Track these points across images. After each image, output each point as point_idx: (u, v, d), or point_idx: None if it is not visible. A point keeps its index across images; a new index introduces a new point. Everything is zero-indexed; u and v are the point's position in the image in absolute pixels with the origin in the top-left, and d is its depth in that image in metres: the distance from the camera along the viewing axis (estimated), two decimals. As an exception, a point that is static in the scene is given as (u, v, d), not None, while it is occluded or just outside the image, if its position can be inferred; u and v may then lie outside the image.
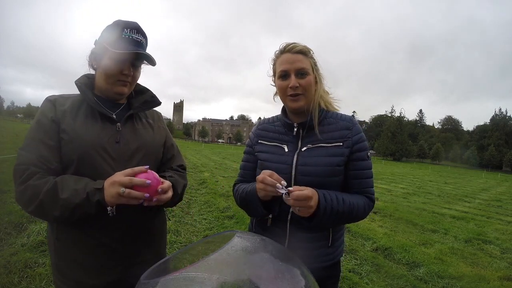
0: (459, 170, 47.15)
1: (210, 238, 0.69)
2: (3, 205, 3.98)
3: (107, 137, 0.94)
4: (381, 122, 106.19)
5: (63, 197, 0.80)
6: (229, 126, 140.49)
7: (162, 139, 1.12)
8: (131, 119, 1.03)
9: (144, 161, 0.99)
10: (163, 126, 1.15)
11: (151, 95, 1.11)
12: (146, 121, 1.09)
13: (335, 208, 0.91)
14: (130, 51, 0.92)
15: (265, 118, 1.18)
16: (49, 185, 0.82)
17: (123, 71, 0.95)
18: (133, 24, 0.95)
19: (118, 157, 0.95)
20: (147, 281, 0.52)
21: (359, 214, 0.98)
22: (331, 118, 1.05)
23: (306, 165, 0.98)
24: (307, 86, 0.99)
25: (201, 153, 23.73)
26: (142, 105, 1.07)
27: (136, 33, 0.95)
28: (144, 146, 1.01)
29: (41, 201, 0.81)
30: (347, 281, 2.81)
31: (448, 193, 10.94)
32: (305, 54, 1.00)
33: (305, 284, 0.57)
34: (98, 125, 0.94)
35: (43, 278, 2.29)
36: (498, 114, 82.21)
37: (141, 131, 1.04)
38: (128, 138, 0.99)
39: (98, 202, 0.81)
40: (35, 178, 0.84)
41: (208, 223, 4.29)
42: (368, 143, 1.06)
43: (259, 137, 1.12)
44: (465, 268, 3.45)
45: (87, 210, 0.82)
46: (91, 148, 0.90)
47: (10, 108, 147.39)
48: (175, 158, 1.16)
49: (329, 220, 0.92)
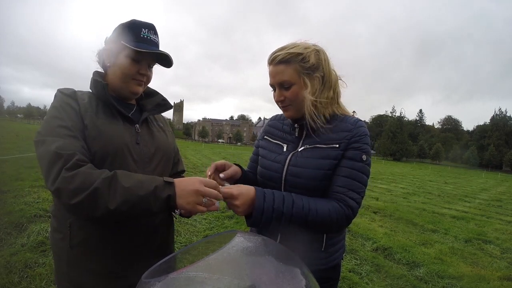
0: (459, 170, 47.16)
1: (211, 238, 0.69)
2: (3, 205, 3.98)
3: (129, 138, 0.93)
4: (381, 122, 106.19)
5: (127, 186, 0.72)
6: (229, 126, 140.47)
7: (173, 142, 1.13)
8: (146, 121, 1.03)
9: (161, 165, 1.00)
10: (171, 131, 1.16)
11: (162, 98, 1.10)
12: (157, 124, 1.09)
13: (278, 210, 0.82)
14: (152, 51, 0.92)
15: (277, 115, 1.17)
16: (108, 173, 0.74)
17: (140, 70, 0.94)
18: (150, 25, 0.95)
19: (140, 158, 0.94)
20: (148, 280, 0.52)
21: (322, 220, 0.85)
22: (337, 120, 0.98)
23: (297, 166, 0.95)
24: (292, 97, 0.95)
25: (201, 153, 23.72)
26: (154, 108, 1.06)
27: (154, 34, 0.95)
28: (160, 149, 1.01)
29: (96, 189, 0.70)
30: (347, 281, 2.81)
31: (448, 193, 10.94)
32: (287, 63, 0.92)
33: (306, 284, 0.57)
34: (120, 124, 0.93)
35: (43, 278, 2.30)
36: (498, 114, 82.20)
37: (156, 134, 1.03)
38: (146, 140, 0.98)
39: (168, 198, 0.74)
40: (87, 166, 0.75)
41: (208, 223, 4.29)
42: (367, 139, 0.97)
43: (266, 133, 1.13)
44: (465, 268, 3.46)
45: (149, 207, 0.73)
46: (117, 148, 0.87)
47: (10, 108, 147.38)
48: (180, 163, 1.17)
49: (274, 221, 0.83)
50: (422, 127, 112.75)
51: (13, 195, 4.45)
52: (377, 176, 15.13)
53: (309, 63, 0.92)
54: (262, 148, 1.10)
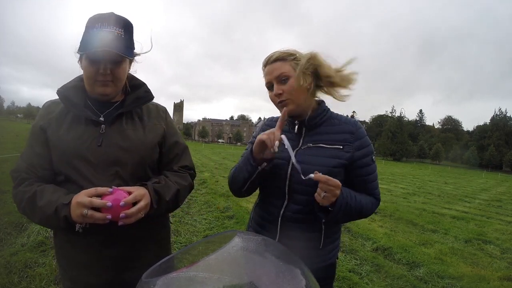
0: (459, 170, 47.18)
1: (211, 238, 0.69)
2: (3, 205, 3.98)
3: (88, 141, 0.90)
4: (381, 122, 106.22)
5: (40, 205, 0.83)
6: (229, 126, 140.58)
7: (156, 138, 1.01)
8: (119, 118, 0.96)
9: (132, 166, 0.94)
10: (161, 124, 1.05)
11: (144, 90, 1.03)
12: (139, 119, 1.01)
13: (349, 203, 0.92)
14: (97, 49, 0.83)
15: (273, 116, 1.19)
16: (30, 193, 0.86)
17: (100, 70, 0.88)
18: (105, 16, 0.87)
19: (100, 161, 0.90)
20: (148, 280, 0.53)
21: (367, 212, 1.01)
22: (336, 119, 1.04)
23: (303, 163, 0.97)
24: (290, 90, 0.97)
25: (201, 153, 23.73)
26: (134, 102, 0.99)
27: (109, 25, 0.85)
28: (130, 148, 0.94)
29: (24, 208, 0.86)
30: (347, 281, 2.81)
31: (448, 193, 10.94)
32: (283, 60, 0.98)
33: (306, 284, 0.57)
34: (80, 129, 0.91)
35: (43, 278, 2.29)
36: (498, 114, 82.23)
37: (128, 132, 0.96)
38: (112, 140, 0.93)
39: (66, 218, 0.80)
40: (24, 184, 0.89)
41: (208, 223, 4.29)
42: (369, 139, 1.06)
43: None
44: (465, 268, 3.45)
45: (58, 224, 0.82)
46: (72, 155, 0.89)
47: (11, 108, 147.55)
48: (179, 157, 1.07)
49: (342, 215, 0.93)
50: (422, 127, 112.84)
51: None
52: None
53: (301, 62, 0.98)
54: None
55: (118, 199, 0.80)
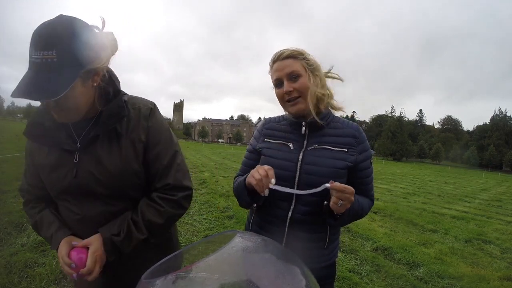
0: (459, 170, 47.18)
1: (211, 238, 0.69)
2: (3, 205, 3.99)
3: (63, 173, 0.86)
4: (381, 122, 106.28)
5: (41, 235, 0.96)
6: (229, 126, 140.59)
7: (135, 159, 0.89)
8: (94, 142, 0.86)
9: (109, 192, 0.88)
10: (141, 136, 0.89)
11: (117, 105, 0.86)
12: (117, 135, 0.87)
13: (355, 208, 0.94)
14: (25, 98, 0.67)
15: (271, 117, 1.19)
16: (33, 221, 0.96)
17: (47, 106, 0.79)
18: (36, 33, 0.69)
19: (79, 191, 0.87)
20: (148, 281, 0.53)
21: (365, 214, 1.05)
22: (338, 122, 1.06)
23: (312, 164, 0.99)
24: (301, 88, 0.98)
25: (201, 153, 23.74)
26: (108, 121, 0.85)
27: (37, 49, 0.68)
28: (105, 177, 0.86)
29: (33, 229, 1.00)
30: (347, 281, 2.81)
31: (448, 193, 10.94)
32: (294, 58, 0.99)
33: (306, 284, 0.57)
34: (54, 159, 0.87)
35: (43, 278, 2.29)
36: (498, 114, 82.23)
37: (103, 157, 0.85)
38: (87, 169, 0.85)
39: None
40: (28, 207, 0.98)
41: (208, 223, 4.29)
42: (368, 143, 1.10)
43: (266, 136, 1.12)
44: (465, 268, 3.46)
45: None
46: (52, 188, 0.91)
47: (11, 108, 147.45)
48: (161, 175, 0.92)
49: (348, 219, 0.97)
50: (422, 127, 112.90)
51: (13, 195, 4.45)
52: (377, 176, 15.12)
53: (310, 62, 1.01)
54: (266, 149, 1.09)
55: (81, 257, 0.85)
